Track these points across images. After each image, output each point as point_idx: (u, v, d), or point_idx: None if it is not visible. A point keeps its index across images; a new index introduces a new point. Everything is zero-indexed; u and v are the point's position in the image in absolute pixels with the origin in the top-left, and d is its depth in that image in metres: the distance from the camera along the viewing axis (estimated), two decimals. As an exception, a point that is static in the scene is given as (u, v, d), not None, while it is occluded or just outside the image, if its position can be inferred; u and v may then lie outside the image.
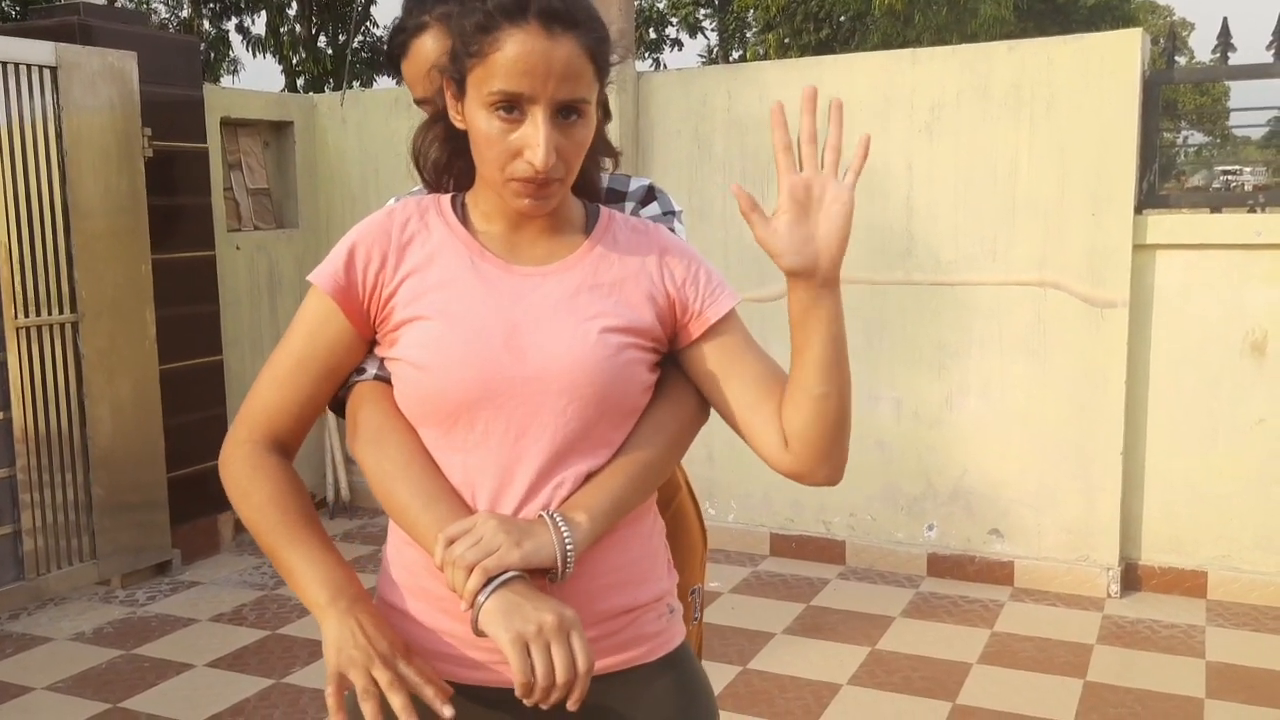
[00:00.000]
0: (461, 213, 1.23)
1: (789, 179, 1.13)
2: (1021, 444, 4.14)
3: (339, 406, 1.27)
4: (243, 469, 1.20)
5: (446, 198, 1.25)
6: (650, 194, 1.53)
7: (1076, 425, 4.05)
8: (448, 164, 1.26)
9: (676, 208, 1.55)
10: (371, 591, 1.22)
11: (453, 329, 1.15)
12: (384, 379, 1.23)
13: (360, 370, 1.24)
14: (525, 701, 1.05)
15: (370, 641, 1.09)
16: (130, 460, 4.28)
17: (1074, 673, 3.43)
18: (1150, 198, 4.02)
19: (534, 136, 1.10)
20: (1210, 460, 3.96)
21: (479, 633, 1.06)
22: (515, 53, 1.09)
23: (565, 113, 1.12)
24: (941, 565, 4.30)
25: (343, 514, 5.28)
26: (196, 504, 4.59)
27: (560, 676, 1.03)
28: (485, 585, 1.05)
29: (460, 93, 1.15)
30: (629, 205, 1.51)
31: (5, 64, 3.81)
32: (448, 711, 1.06)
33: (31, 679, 3.46)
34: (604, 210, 1.27)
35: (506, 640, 1.03)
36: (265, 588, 4.29)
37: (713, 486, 4.60)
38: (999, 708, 3.20)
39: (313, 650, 3.66)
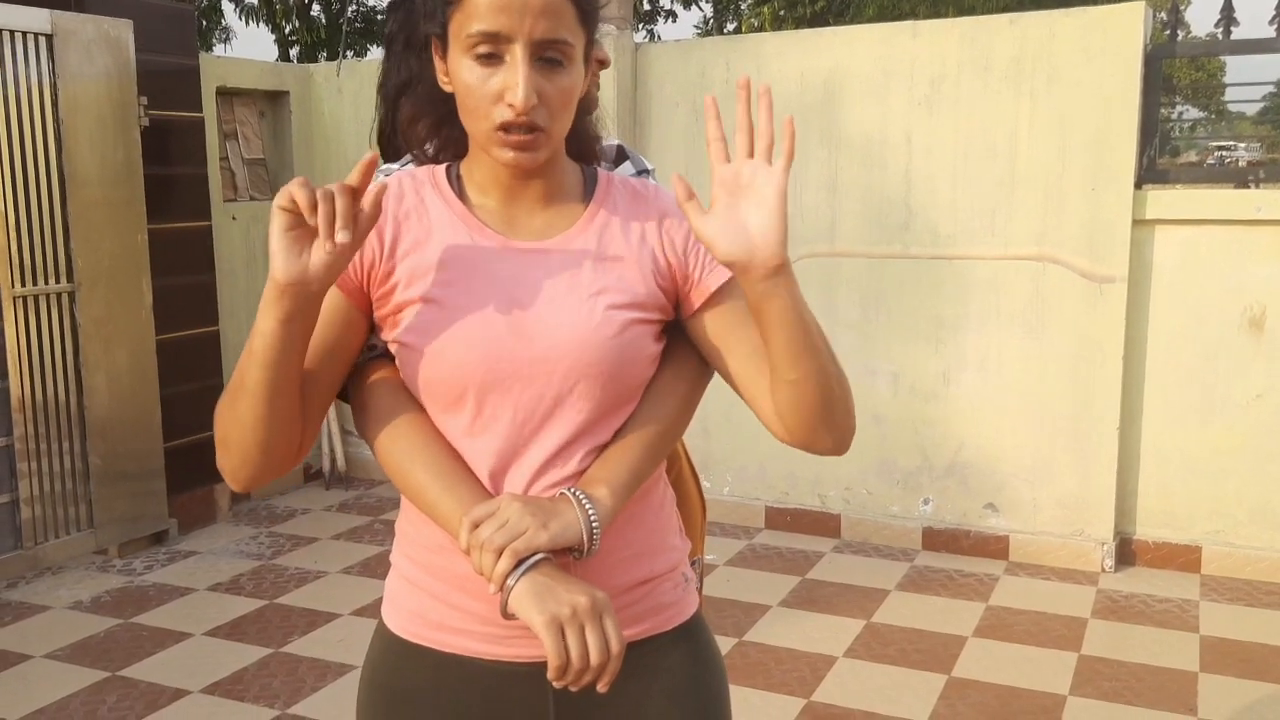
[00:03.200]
0: (457, 185, 1.20)
1: (720, 170, 1.10)
2: (1018, 419, 4.15)
3: (342, 392, 1.25)
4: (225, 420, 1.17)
5: (440, 170, 1.21)
6: (621, 153, 1.51)
7: (1073, 400, 4.06)
8: (435, 129, 1.23)
9: (649, 165, 1.53)
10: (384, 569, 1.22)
11: (456, 312, 1.13)
12: (388, 356, 1.21)
13: (371, 347, 1.21)
14: (556, 683, 1.05)
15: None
16: (127, 429, 4.27)
17: (1068, 646, 3.46)
18: (1150, 173, 4.01)
19: (513, 76, 1.08)
20: (1206, 435, 3.98)
21: (509, 616, 1.06)
22: None
23: (547, 56, 1.09)
24: (937, 539, 4.32)
25: (338, 485, 5.29)
26: (193, 474, 4.59)
27: (594, 659, 1.03)
28: (514, 568, 1.05)
29: (444, 49, 1.13)
30: (601, 166, 1.50)
31: (1, 31, 3.77)
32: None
33: (30, 647, 3.47)
34: (602, 174, 1.24)
35: (541, 623, 1.03)
36: (262, 558, 4.30)
37: (708, 459, 4.61)
38: (994, 680, 3.23)
39: (310, 619, 3.68)
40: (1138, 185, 3.93)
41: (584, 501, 1.11)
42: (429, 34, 1.15)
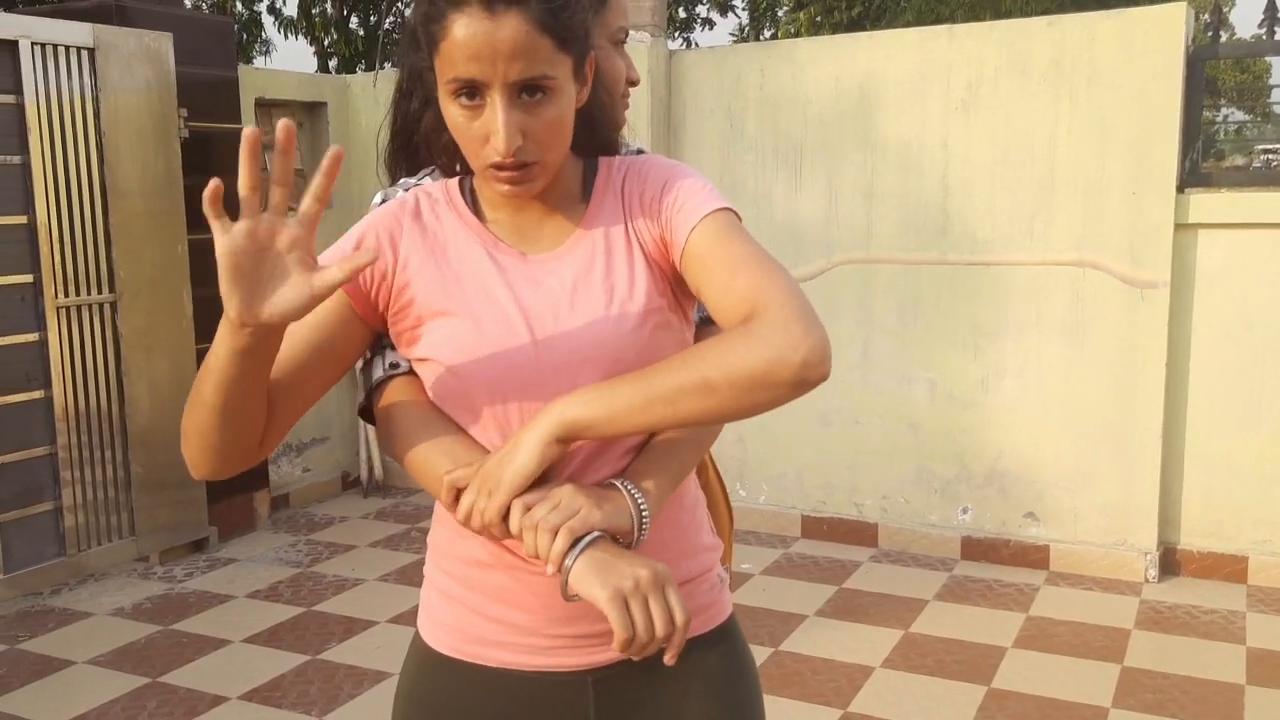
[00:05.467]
0: (471, 199, 1.20)
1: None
2: (1059, 426, 4.09)
3: (367, 414, 1.24)
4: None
5: (454, 184, 1.21)
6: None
7: (1115, 407, 3.99)
8: (453, 144, 1.20)
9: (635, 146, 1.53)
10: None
11: (477, 327, 1.13)
12: (405, 372, 1.20)
13: (394, 365, 1.21)
14: (624, 654, 1.03)
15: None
16: (168, 438, 4.32)
17: (1111, 658, 3.40)
18: (1193, 176, 3.94)
19: (494, 121, 1.07)
20: (1252, 442, 3.90)
21: (569, 597, 1.05)
22: (460, 37, 1.05)
23: (529, 91, 1.07)
24: (976, 548, 4.27)
25: (376, 493, 5.32)
26: (232, 482, 4.64)
27: (660, 630, 1.02)
28: (571, 547, 1.04)
29: (435, 82, 1.12)
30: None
31: (44, 45, 3.85)
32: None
33: (73, 653, 3.52)
34: (602, 165, 1.21)
35: (605, 597, 1.01)
36: (300, 565, 4.33)
37: (744, 468, 4.59)
38: (1034, 692, 3.18)
39: (348, 627, 3.70)
40: (1180, 189, 3.86)
41: (632, 490, 1.10)
42: (423, 66, 1.14)
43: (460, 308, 1.14)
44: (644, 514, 1.09)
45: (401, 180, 1.30)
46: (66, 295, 3.98)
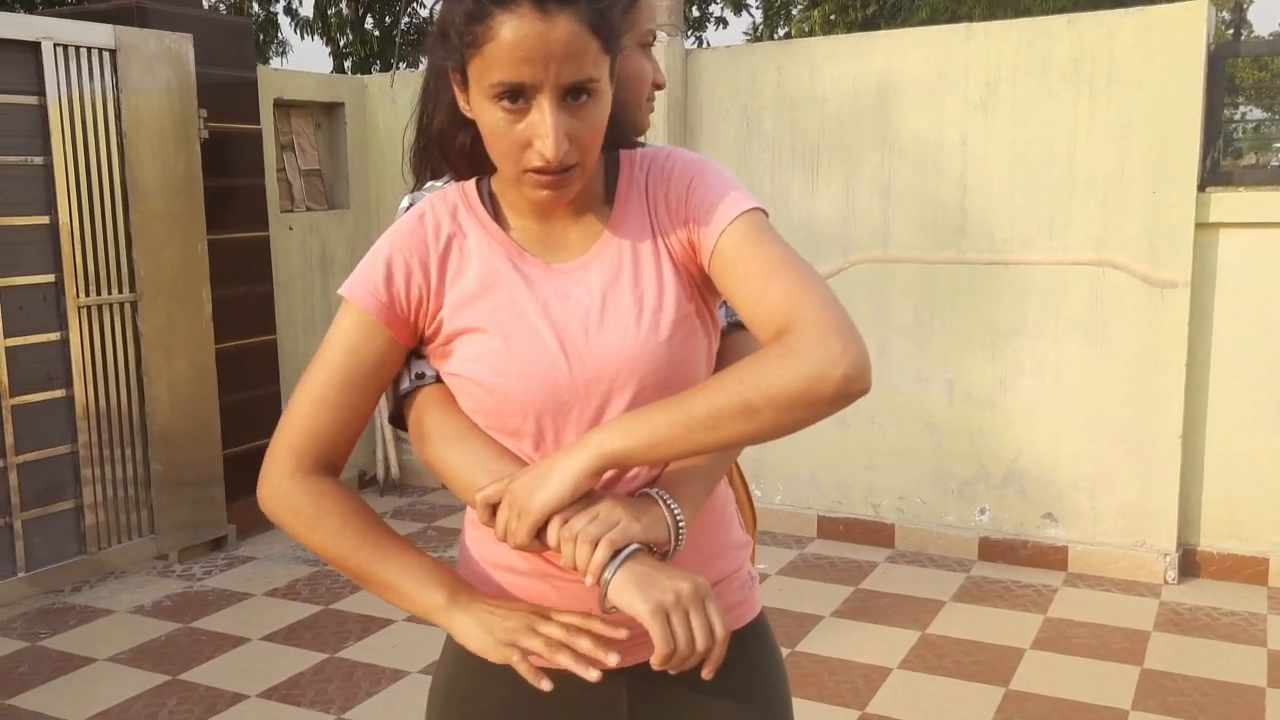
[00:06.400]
0: (491, 205, 1.18)
1: None
2: (1077, 427, 4.08)
3: (397, 418, 1.24)
4: (304, 499, 1.15)
5: (472, 189, 1.19)
6: None
7: (1134, 408, 3.97)
8: (472, 147, 1.18)
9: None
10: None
11: (506, 343, 1.12)
12: (433, 380, 1.20)
13: (420, 375, 1.21)
14: (662, 669, 1.03)
15: (514, 612, 1.10)
16: (187, 437, 4.35)
17: (1130, 660, 3.38)
18: (1213, 175, 3.92)
19: (542, 125, 1.04)
20: (1273, 444, 3.87)
21: (608, 609, 1.05)
22: (510, 40, 1.01)
23: (574, 94, 1.05)
24: (993, 549, 4.25)
25: (392, 491, 5.34)
26: (251, 480, 4.58)
27: (700, 644, 1.02)
28: (610, 560, 1.04)
29: (464, 83, 1.09)
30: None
31: (66, 46, 3.87)
32: (612, 660, 1.06)
33: (94, 650, 3.55)
34: (624, 163, 1.18)
35: (647, 610, 1.01)
36: (318, 564, 4.35)
37: (760, 468, 4.59)
38: (1053, 693, 3.16)
39: (365, 625, 3.71)
40: (1201, 188, 3.84)
41: (667, 499, 1.10)
42: (444, 61, 1.11)
43: (489, 324, 1.13)
44: (680, 525, 1.09)
45: (428, 184, 1.28)
46: (87, 295, 4.00)
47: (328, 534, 1.14)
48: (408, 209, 1.24)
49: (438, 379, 1.20)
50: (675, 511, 1.09)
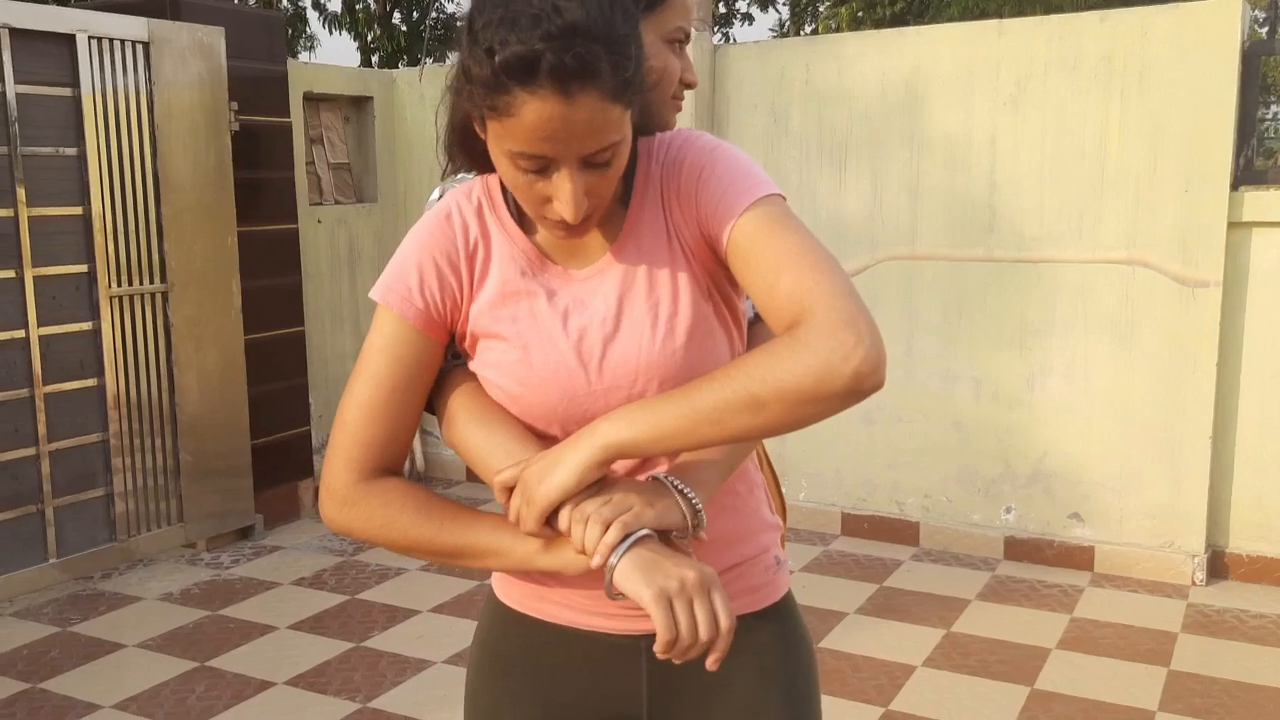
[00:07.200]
0: (515, 206, 1.18)
1: None
2: (1105, 426, 4.05)
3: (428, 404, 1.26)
4: (374, 506, 1.16)
5: (497, 189, 1.18)
6: None
7: (1164, 408, 3.94)
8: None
9: None
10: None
11: (528, 354, 1.14)
12: (462, 364, 1.22)
13: (455, 356, 1.22)
14: (664, 657, 1.03)
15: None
16: (216, 427, 4.39)
17: (1157, 661, 3.36)
18: (1247, 173, 3.87)
19: (562, 191, 1.04)
20: (1305, 446, 3.83)
21: (614, 595, 1.05)
22: (530, 120, 0.99)
23: (596, 158, 1.04)
24: (1019, 549, 4.23)
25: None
26: (278, 471, 4.71)
27: (703, 634, 1.01)
28: (619, 544, 1.04)
29: (484, 123, 1.06)
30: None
31: (100, 39, 3.92)
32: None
33: (123, 636, 3.59)
34: (641, 154, 1.16)
35: (650, 596, 1.01)
36: (344, 553, 4.38)
37: (783, 464, 4.58)
38: (1079, 694, 3.15)
39: (390, 615, 3.74)
40: (1234, 186, 3.80)
41: (679, 486, 1.10)
42: (458, 94, 1.08)
43: (510, 334, 1.15)
44: (699, 510, 1.09)
45: (459, 175, 1.28)
46: (119, 285, 4.05)
47: (407, 527, 1.15)
48: (439, 199, 1.25)
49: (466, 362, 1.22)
50: (691, 497, 1.09)
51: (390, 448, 1.18)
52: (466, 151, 1.17)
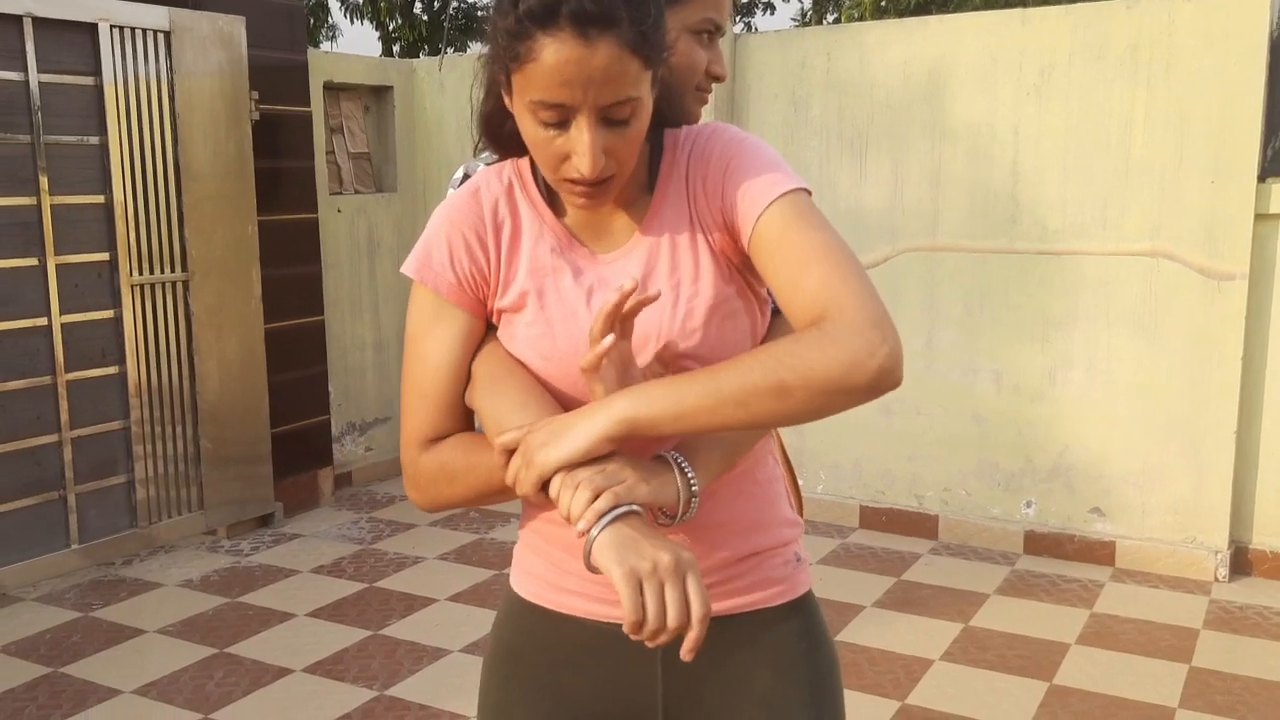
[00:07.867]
0: (545, 187, 1.20)
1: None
2: (1128, 420, 4.01)
3: None
4: (434, 462, 1.19)
5: (527, 169, 1.21)
6: None
7: (1187, 402, 3.90)
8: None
9: None
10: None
11: (551, 329, 1.16)
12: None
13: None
14: (635, 638, 1.01)
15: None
16: (236, 415, 4.42)
17: (1178, 657, 3.32)
18: (1275, 165, 3.82)
19: (580, 143, 1.06)
20: (1331, 442, 3.78)
21: (592, 568, 1.03)
22: (550, 63, 1.02)
23: (613, 111, 1.06)
24: (1039, 543, 4.20)
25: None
26: (298, 459, 4.73)
27: (672, 620, 0.99)
28: (602, 517, 1.02)
29: (509, 87, 1.10)
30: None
31: (122, 28, 3.93)
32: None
33: (144, 622, 3.62)
34: (667, 144, 1.18)
35: (619, 575, 0.99)
36: (363, 542, 4.40)
37: (801, 456, 4.56)
38: (1098, 690, 3.12)
39: (408, 604, 3.75)
40: (1261, 178, 3.75)
41: (683, 465, 1.09)
42: (489, 64, 1.13)
43: (534, 309, 1.17)
44: (694, 490, 1.08)
45: (484, 155, 1.29)
46: (141, 273, 4.07)
47: (490, 469, 1.13)
48: (463, 179, 1.25)
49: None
50: (690, 477, 1.08)
51: (450, 418, 1.20)
52: (493, 134, 1.20)
